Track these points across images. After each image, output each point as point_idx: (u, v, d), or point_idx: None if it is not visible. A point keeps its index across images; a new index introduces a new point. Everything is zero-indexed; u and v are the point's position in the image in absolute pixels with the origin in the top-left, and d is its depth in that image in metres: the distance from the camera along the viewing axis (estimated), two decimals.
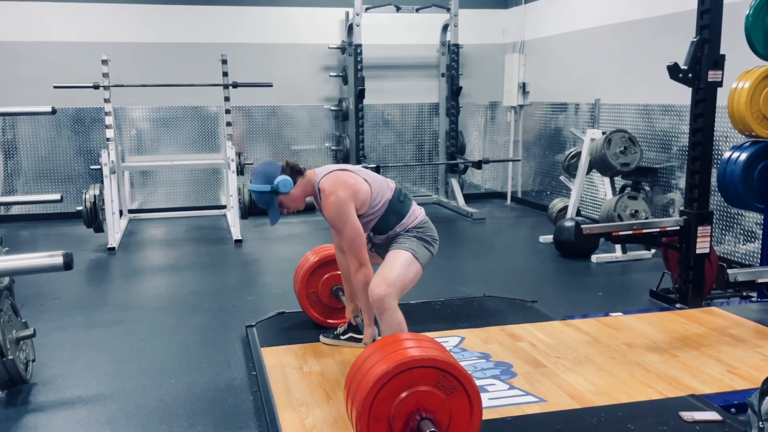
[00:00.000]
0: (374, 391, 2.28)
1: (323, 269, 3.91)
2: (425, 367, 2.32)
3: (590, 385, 3.17)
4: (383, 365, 2.31)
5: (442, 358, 2.33)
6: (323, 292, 3.93)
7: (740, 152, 4.55)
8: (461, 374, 2.34)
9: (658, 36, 6.24)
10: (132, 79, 7.62)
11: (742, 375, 3.26)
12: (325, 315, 3.97)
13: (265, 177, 3.10)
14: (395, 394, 2.30)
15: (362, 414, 2.29)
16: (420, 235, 3.22)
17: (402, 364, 2.30)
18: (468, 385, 2.35)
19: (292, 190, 3.12)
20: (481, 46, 9.11)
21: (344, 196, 3.07)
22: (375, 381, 2.28)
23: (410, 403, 2.31)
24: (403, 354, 2.36)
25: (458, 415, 2.36)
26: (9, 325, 3.32)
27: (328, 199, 3.08)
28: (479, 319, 4.13)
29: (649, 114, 6.43)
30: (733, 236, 5.45)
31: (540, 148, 8.58)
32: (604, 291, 5.14)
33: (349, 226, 3.07)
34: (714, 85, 4.24)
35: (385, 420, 2.31)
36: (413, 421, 2.31)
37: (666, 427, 2.74)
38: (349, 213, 3.07)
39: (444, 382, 2.33)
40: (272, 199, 3.11)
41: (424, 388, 2.32)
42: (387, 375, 2.28)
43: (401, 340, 2.53)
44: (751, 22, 4.30)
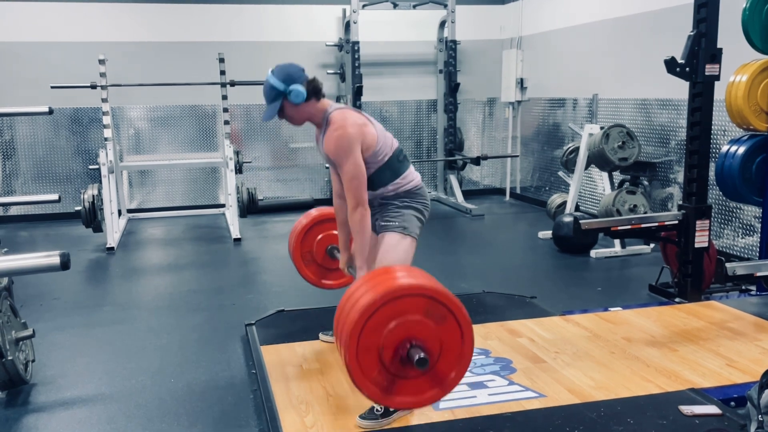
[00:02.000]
0: (362, 321, 2.22)
1: (317, 229, 3.87)
2: (413, 295, 2.26)
3: (590, 380, 3.17)
4: (371, 295, 2.25)
5: (430, 285, 2.27)
6: (318, 251, 3.88)
7: (738, 146, 4.54)
8: (451, 302, 2.28)
9: (655, 30, 6.23)
10: (129, 78, 7.61)
11: (741, 368, 3.26)
12: (319, 275, 3.94)
13: (286, 77, 2.98)
14: (384, 324, 2.24)
15: (350, 345, 2.23)
16: (410, 202, 3.15)
17: (389, 293, 2.24)
18: (458, 314, 2.28)
19: (301, 105, 3.01)
20: (478, 42, 9.10)
21: (353, 132, 2.95)
22: (362, 311, 2.22)
23: (399, 332, 2.25)
24: (390, 283, 2.30)
25: (449, 344, 2.29)
26: (8, 326, 3.32)
27: (334, 131, 2.95)
28: (478, 315, 4.12)
29: (647, 108, 6.43)
30: (731, 230, 5.45)
31: (538, 143, 8.58)
32: (604, 286, 5.14)
33: (352, 162, 2.94)
34: (711, 79, 4.23)
35: (375, 350, 2.25)
36: (403, 350, 2.25)
37: (666, 421, 2.75)
38: (354, 149, 2.94)
39: (433, 311, 2.27)
40: (278, 98, 3.00)
41: (413, 317, 2.25)
42: (374, 304, 2.22)
43: (390, 271, 2.48)
44: (748, 15, 4.30)
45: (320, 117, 3.07)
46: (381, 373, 2.28)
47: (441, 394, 2.37)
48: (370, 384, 2.28)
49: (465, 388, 3.11)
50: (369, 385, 2.28)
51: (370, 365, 2.26)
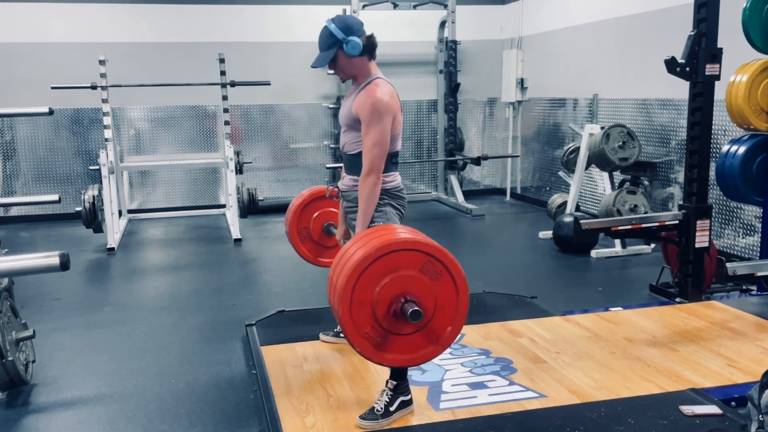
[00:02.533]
0: (356, 275, 2.19)
1: (314, 205, 3.86)
2: (408, 250, 2.23)
3: (590, 380, 3.17)
4: (365, 249, 2.22)
5: (425, 241, 2.25)
6: (315, 228, 3.88)
7: (739, 146, 4.54)
8: (446, 258, 2.26)
9: (655, 30, 6.23)
10: (130, 79, 7.61)
11: (742, 368, 3.26)
12: (315, 253, 3.93)
13: (346, 27, 2.93)
14: (378, 279, 2.21)
15: (344, 299, 2.20)
16: (389, 201, 3.03)
17: (384, 247, 2.22)
18: (454, 270, 2.26)
19: (354, 59, 2.96)
20: (478, 42, 9.10)
21: (392, 104, 2.90)
22: (356, 264, 2.19)
23: (393, 287, 2.22)
24: (386, 238, 2.27)
25: (444, 301, 2.27)
26: (8, 327, 3.32)
27: (375, 93, 2.88)
28: (479, 315, 4.12)
29: (647, 108, 6.43)
30: (732, 230, 5.45)
31: (539, 143, 8.58)
32: (604, 286, 5.14)
33: (380, 129, 2.86)
34: (712, 79, 4.23)
35: (368, 305, 2.22)
36: (397, 305, 2.22)
37: (666, 422, 2.74)
38: (385, 118, 2.88)
39: (429, 267, 2.24)
40: (334, 46, 2.94)
41: (408, 273, 2.23)
42: (369, 258, 2.19)
43: (384, 228, 2.45)
44: (749, 15, 4.29)
45: (365, 76, 3.01)
46: (375, 329, 2.24)
47: (438, 350, 2.34)
48: (363, 340, 2.25)
49: (465, 389, 3.11)
50: (363, 341, 2.25)
51: (364, 320, 2.23)
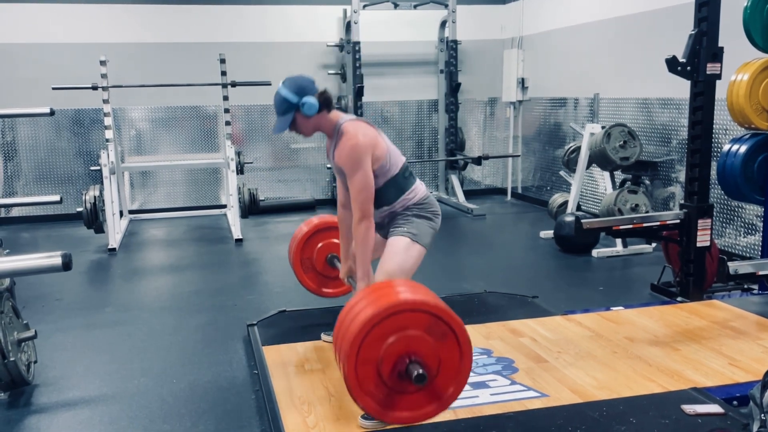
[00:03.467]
0: (363, 333, 2.21)
1: (318, 237, 3.87)
2: (416, 311, 2.25)
3: (592, 380, 3.17)
4: (373, 308, 2.24)
5: (434, 302, 2.27)
6: (318, 260, 3.88)
7: (740, 145, 4.54)
8: (453, 320, 2.27)
9: (656, 29, 6.23)
10: (130, 79, 7.61)
11: (743, 367, 3.26)
12: (319, 283, 3.94)
13: (299, 89, 2.98)
14: (384, 337, 2.23)
15: (350, 356, 2.22)
16: (419, 212, 3.15)
17: (392, 307, 2.24)
18: (459, 332, 2.28)
19: (313, 117, 3.01)
20: (479, 42, 9.10)
21: (365, 142, 2.97)
22: (364, 323, 2.21)
23: (399, 347, 2.24)
24: (393, 297, 2.29)
25: (447, 363, 2.29)
26: (10, 327, 3.32)
27: (348, 141, 2.96)
28: (480, 315, 4.12)
29: (648, 108, 6.42)
30: (733, 229, 5.45)
31: (540, 143, 8.57)
32: (605, 285, 5.13)
33: (362, 174, 2.95)
34: (713, 78, 4.23)
35: (373, 363, 2.24)
36: (401, 365, 2.24)
37: (668, 421, 2.74)
38: (365, 160, 2.96)
39: (435, 328, 2.26)
40: (290, 111, 3.00)
41: (414, 333, 2.25)
42: (377, 317, 2.21)
43: (392, 285, 2.46)
44: (750, 14, 4.29)
45: (331, 128, 3.08)
46: (378, 387, 2.28)
47: (439, 409, 2.38)
48: (367, 398, 2.28)
49: (467, 388, 3.10)
50: (366, 398, 2.28)
51: (368, 378, 2.27)
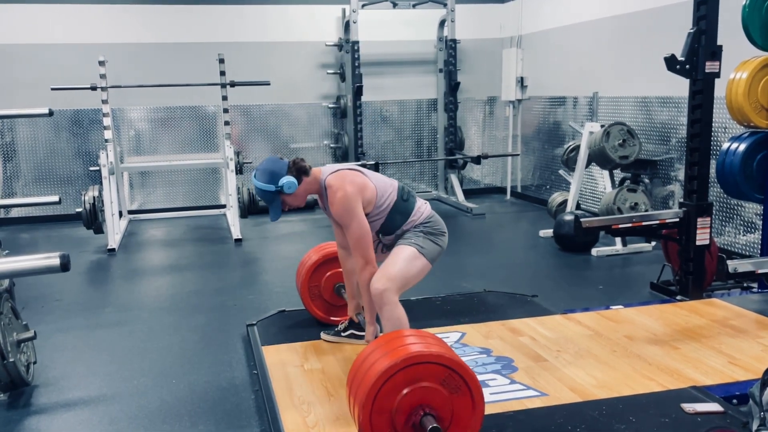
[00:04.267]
0: (379, 383, 2.27)
1: (327, 266, 3.90)
2: (433, 363, 2.31)
3: (592, 379, 3.16)
4: (390, 358, 2.30)
5: (449, 356, 2.33)
6: (326, 288, 3.92)
7: (739, 143, 4.54)
8: (467, 374, 2.35)
9: (655, 28, 6.23)
10: (129, 79, 7.61)
11: (743, 366, 3.26)
12: (327, 312, 3.97)
13: (271, 176, 3.10)
14: (400, 388, 2.29)
15: (365, 406, 2.28)
16: (427, 229, 3.21)
17: (410, 359, 2.29)
18: (473, 386, 2.35)
19: (297, 189, 3.13)
20: (478, 41, 9.10)
21: (352, 191, 3.07)
22: (381, 373, 2.27)
23: (414, 398, 2.30)
24: (410, 349, 2.34)
25: (460, 415, 2.36)
26: (9, 328, 3.32)
27: (336, 195, 3.08)
28: (480, 314, 4.12)
29: (647, 106, 6.42)
30: (733, 227, 5.45)
31: (539, 142, 8.57)
32: (605, 284, 5.13)
33: (356, 222, 3.06)
34: (711, 76, 4.23)
35: (388, 413, 2.30)
36: (416, 416, 2.31)
37: (668, 419, 2.74)
38: (356, 208, 3.06)
39: (450, 381, 2.33)
40: (276, 197, 3.12)
41: (429, 385, 2.31)
42: (394, 368, 2.27)
43: (406, 335, 2.52)
44: (748, 12, 4.30)
45: (317, 187, 3.21)
46: None
47: None
48: None
49: None
50: None
51: (382, 428, 2.32)
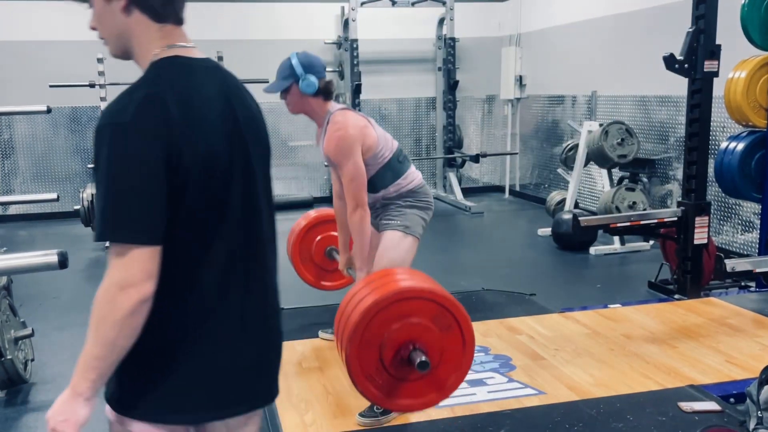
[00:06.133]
0: (369, 316, 2.21)
1: (318, 228, 3.87)
2: (424, 299, 2.26)
3: (589, 377, 3.17)
4: (381, 293, 2.25)
5: (441, 292, 2.28)
6: (317, 252, 3.88)
7: (737, 142, 4.54)
8: (459, 312, 2.28)
9: (654, 27, 6.23)
10: (127, 77, 7.50)
11: (740, 365, 3.26)
12: (317, 276, 3.93)
13: (308, 65, 2.99)
14: (389, 323, 2.24)
15: (353, 339, 2.22)
16: (413, 202, 3.13)
17: (401, 293, 2.25)
18: (464, 325, 2.29)
19: (307, 96, 3.01)
20: (477, 39, 9.09)
21: (354, 133, 2.95)
22: (371, 306, 2.21)
23: (403, 333, 2.24)
24: (401, 284, 2.31)
25: (450, 354, 2.29)
26: (7, 325, 3.32)
27: (336, 131, 2.95)
28: (478, 312, 4.12)
29: (645, 105, 6.42)
30: (731, 226, 5.45)
31: (537, 140, 8.57)
32: (603, 283, 5.14)
33: (352, 163, 2.94)
34: (710, 76, 4.23)
35: (375, 348, 2.25)
36: (404, 351, 2.25)
37: (665, 418, 2.74)
38: (354, 150, 2.94)
39: (441, 318, 2.27)
40: (290, 79, 3.00)
41: (420, 321, 2.25)
42: (384, 301, 2.22)
43: (398, 272, 2.48)
44: (747, 11, 4.29)
45: (322, 116, 3.07)
46: (379, 372, 2.28)
47: (440, 398, 2.38)
48: (367, 382, 2.28)
49: (464, 386, 3.09)
50: (366, 383, 2.28)
51: (370, 362, 2.26)
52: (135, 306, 1.26)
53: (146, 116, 1.24)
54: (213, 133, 1.33)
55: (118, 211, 1.24)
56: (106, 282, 1.27)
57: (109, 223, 1.24)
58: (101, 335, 1.27)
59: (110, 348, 1.28)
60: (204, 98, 1.34)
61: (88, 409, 1.35)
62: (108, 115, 1.27)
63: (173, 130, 1.25)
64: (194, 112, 1.30)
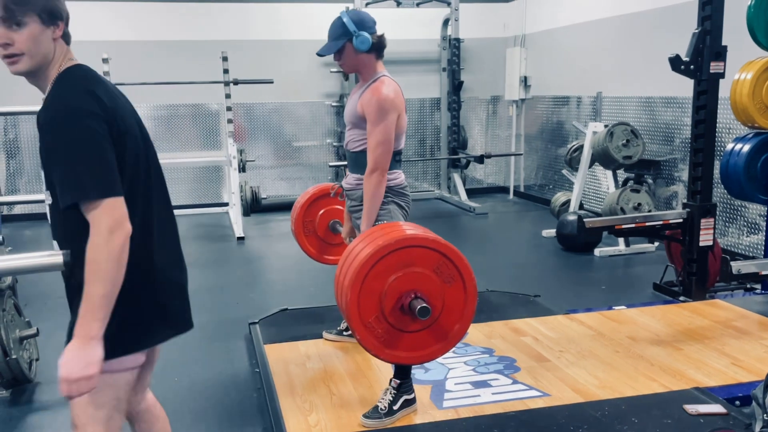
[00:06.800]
0: (370, 263, 2.18)
1: (322, 201, 3.88)
2: (427, 248, 2.22)
3: (594, 379, 3.16)
4: (384, 240, 2.22)
5: (444, 243, 2.25)
6: (320, 225, 3.88)
7: (743, 144, 4.52)
8: (462, 264, 2.26)
9: (659, 28, 6.21)
10: (133, 77, 7.61)
11: (746, 367, 3.25)
12: (320, 249, 3.94)
13: (360, 21, 2.94)
14: (391, 271, 2.21)
15: (354, 286, 2.19)
16: (393, 199, 3.02)
17: (403, 240, 2.22)
18: (467, 277, 2.26)
19: (361, 54, 2.96)
20: (482, 40, 9.08)
21: (399, 103, 2.90)
22: (373, 253, 2.18)
23: (405, 282, 2.22)
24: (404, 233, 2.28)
25: (451, 305, 2.27)
26: (12, 325, 3.33)
27: (381, 90, 2.88)
28: (482, 313, 4.10)
29: (651, 106, 6.41)
30: (736, 228, 5.43)
31: (542, 141, 8.56)
32: (608, 284, 5.13)
33: (384, 126, 2.85)
34: (716, 77, 4.22)
35: (377, 296, 2.22)
36: (405, 299, 2.22)
37: (670, 420, 2.74)
38: (391, 115, 2.87)
39: (443, 269, 2.24)
40: (343, 38, 2.94)
41: (422, 270, 2.22)
42: (386, 248, 2.19)
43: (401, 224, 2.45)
44: (753, 12, 4.27)
45: (371, 74, 3.02)
46: (379, 321, 2.24)
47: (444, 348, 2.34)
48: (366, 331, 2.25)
49: (469, 387, 3.10)
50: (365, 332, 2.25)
51: (370, 310, 2.23)
52: (124, 242, 1.60)
53: (90, 104, 1.62)
54: (129, 116, 1.73)
55: (94, 175, 1.58)
56: (97, 232, 1.57)
57: (86, 187, 1.57)
58: (104, 274, 1.57)
59: (113, 283, 1.59)
60: (115, 91, 1.75)
61: (101, 349, 1.65)
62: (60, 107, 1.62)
63: (107, 112, 1.64)
64: (115, 101, 1.70)
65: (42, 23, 1.63)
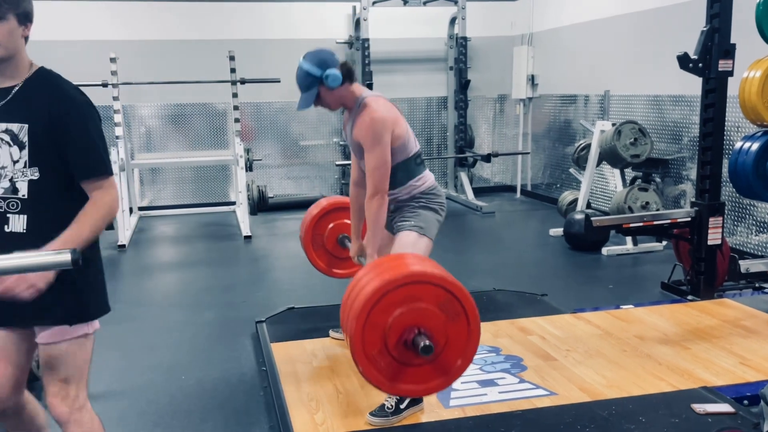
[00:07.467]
0: (376, 297, 2.20)
1: (333, 215, 3.87)
2: (433, 284, 2.24)
3: (601, 378, 3.15)
4: (391, 275, 2.23)
5: (451, 279, 2.26)
6: (329, 239, 3.87)
7: (752, 142, 4.49)
8: (467, 301, 2.27)
9: (667, 26, 6.19)
10: (140, 76, 7.64)
11: (754, 367, 3.24)
12: (328, 263, 3.92)
13: (320, 62, 2.94)
14: (396, 306, 2.22)
15: (359, 318, 2.20)
16: (426, 203, 3.07)
17: (409, 276, 2.23)
18: (471, 314, 2.27)
19: (336, 89, 2.95)
20: (489, 38, 9.06)
21: (387, 118, 2.90)
22: (380, 287, 2.20)
23: (409, 317, 2.22)
24: (411, 268, 2.29)
25: (454, 342, 2.28)
26: None
27: (369, 114, 2.88)
28: (489, 312, 4.11)
29: (659, 105, 6.38)
30: (745, 227, 5.41)
31: (549, 140, 8.54)
32: (615, 283, 5.11)
33: (380, 149, 2.87)
34: (725, 75, 4.20)
35: (381, 329, 2.23)
36: (409, 335, 2.23)
37: (678, 420, 2.73)
38: (384, 136, 2.88)
39: (448, 305, 2.25)
40: (314, 85, 2.94)
41: (428, 306, 2.23)
42: (393, 283, 2.20)
43: (408, 257, 2.45)
44: (762, 10, 4.24)
45: (353, 101, 3.01)
46: (383, 355, 2.25)
47: (446, 383, 2.35)
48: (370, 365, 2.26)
49: (475, 386, 3.10)
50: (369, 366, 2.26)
51: (373, 344, 2.24)
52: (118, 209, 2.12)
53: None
54: None
55: (108, 157, 2.10)
56: (110, 198, 2.05)
57: (108, 164, 2.08)
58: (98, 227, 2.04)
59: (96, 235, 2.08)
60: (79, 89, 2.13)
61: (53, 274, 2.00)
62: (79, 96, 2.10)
63: None
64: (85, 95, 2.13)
65: (18, 21, 1.98)
